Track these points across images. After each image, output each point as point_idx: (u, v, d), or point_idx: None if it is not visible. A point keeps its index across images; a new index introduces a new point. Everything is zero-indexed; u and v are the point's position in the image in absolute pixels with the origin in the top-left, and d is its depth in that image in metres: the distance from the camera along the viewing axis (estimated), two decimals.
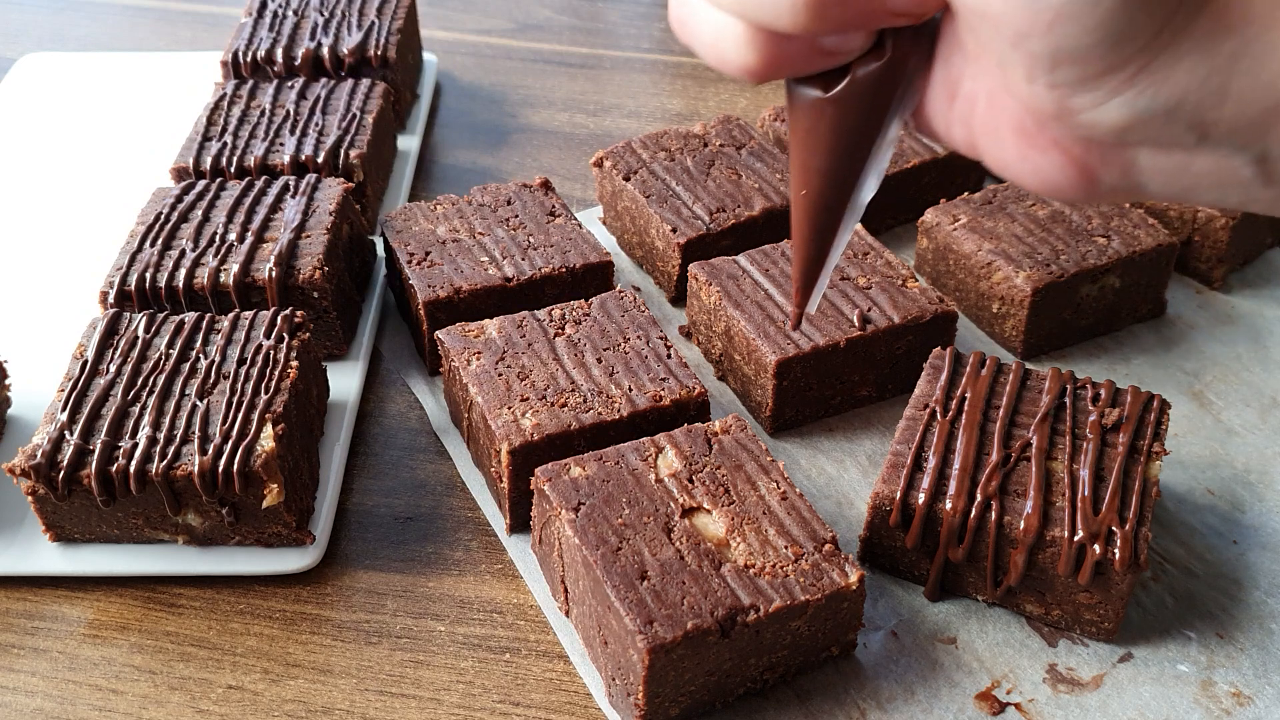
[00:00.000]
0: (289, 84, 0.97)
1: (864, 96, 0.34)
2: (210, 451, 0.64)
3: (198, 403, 0.67)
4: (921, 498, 0.63)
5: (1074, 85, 0.30)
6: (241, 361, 0.69)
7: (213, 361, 0.69)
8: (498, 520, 0.71)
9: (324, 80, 0.97)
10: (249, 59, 1.01)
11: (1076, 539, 0.60)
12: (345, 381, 0.79)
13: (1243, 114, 0.30)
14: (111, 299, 0.77)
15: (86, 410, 0.66)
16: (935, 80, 0.35)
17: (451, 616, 0.66)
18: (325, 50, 1.01)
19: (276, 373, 0.69)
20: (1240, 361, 0.82)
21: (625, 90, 1.16)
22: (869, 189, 0.36)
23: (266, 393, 0.67)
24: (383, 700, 0.62)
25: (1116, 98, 0.30)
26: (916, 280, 0.78)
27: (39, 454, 0.64)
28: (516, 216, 0.84)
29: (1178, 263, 0.88)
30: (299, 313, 0.73)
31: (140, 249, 0.79)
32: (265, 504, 0.64)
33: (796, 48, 0.33)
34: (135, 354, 0.70)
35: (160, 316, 0.73)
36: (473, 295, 0.78)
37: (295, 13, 1.06)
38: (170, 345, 0.71)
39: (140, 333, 0.71)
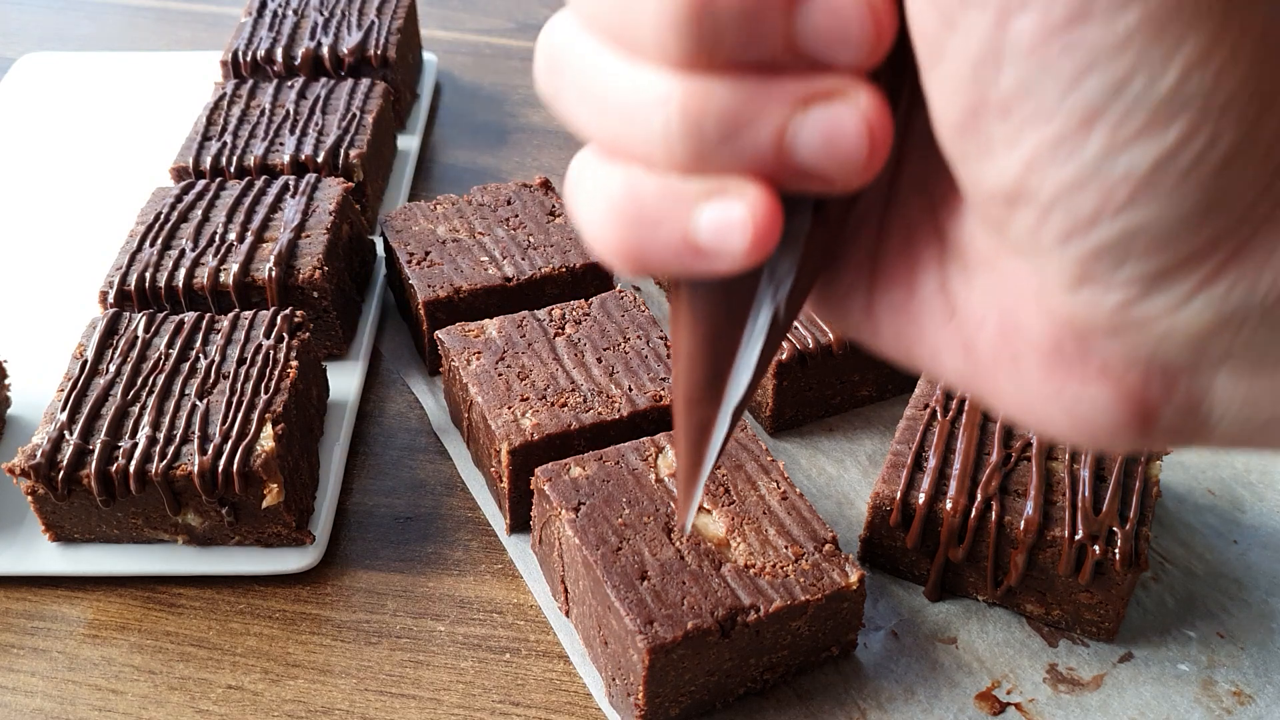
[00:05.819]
0: (289, 84, 0.97)
1: (715, 284, 0.26)
2: (210, 451, 0.64)
3: (197, 403, 0.67)
4: (921, 498, 0.63)
5: (1148, 282, 0.22)
6: (241, 361, 0.69)
7: (212, 361, 0.69)
8: (498, 520, 0.71)
9: (324, 80, 0.97)
10: (249, 59, 1.01)
11: (1077, 539, 0.60)
12: (345, 381, 0.79)
13: None
14: (111, 299, 0.76)
15: (86, 410, 0.66)
16: (922, 298, 0.27)
17: (451, 616, 0.66)
18: (325, 50, 1.01)
19: (276, 372, 0.69)
20: None
21: None
22: (738, 387, 0.28)
23: (266, 393, 0.67)
24: (383, 700, 0.62)
25: (1201, 294, 0.22)
26: None
27: (39, 454, 0.64)
28: (516, 216, 0.84)
29: None
30: (299, 313, 0.73)
31: (140, 249, 0.79)
32: (265, 504, 0.64)
33: None
34: (135, 354, 0.70)
35: (160, 316, 0.73)
36: (473, 295, 0.78)
37: (295, 12, 1.06)
38: (170, 345, 0.71)
39: (140, 333, 0.71)
